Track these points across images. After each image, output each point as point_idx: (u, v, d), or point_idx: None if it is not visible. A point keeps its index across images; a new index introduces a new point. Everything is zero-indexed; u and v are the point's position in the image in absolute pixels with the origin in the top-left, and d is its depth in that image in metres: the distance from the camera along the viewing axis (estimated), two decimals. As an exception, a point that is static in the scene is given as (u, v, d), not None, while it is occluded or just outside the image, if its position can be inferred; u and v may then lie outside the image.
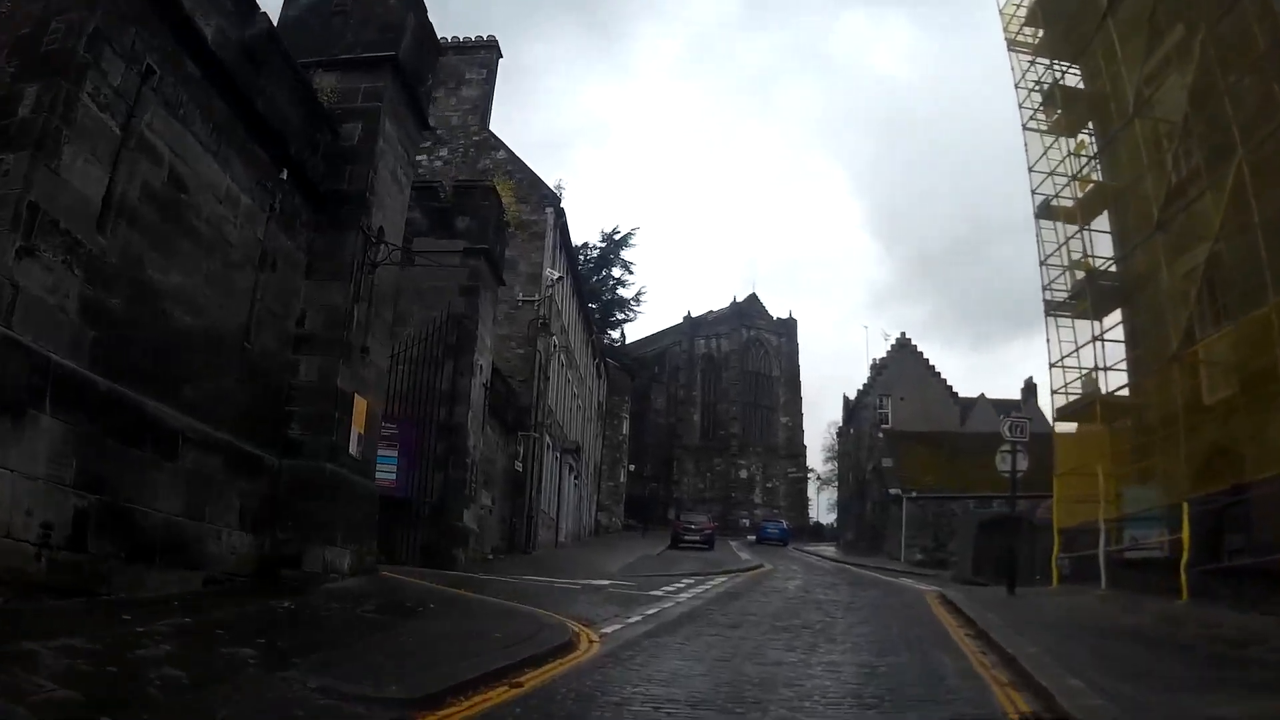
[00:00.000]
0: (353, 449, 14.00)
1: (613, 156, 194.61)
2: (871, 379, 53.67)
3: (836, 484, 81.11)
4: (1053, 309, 21.29)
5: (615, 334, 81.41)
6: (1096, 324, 20.33)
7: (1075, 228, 21.55)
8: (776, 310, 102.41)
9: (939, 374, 53.94)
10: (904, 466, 40.67)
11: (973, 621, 13.04)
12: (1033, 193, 22.34)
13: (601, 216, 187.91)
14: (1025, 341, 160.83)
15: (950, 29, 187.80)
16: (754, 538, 79.84)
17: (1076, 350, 20.54)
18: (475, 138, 36.95)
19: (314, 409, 13.02)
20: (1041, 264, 21.69)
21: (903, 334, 55.14)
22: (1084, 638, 11.46)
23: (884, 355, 54.49)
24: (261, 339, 12.10)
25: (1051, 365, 20.87)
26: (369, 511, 14.64)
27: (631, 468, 63.00)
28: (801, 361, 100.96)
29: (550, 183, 35.53)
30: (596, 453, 56.08)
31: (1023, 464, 19.01)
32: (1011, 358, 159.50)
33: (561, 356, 35.96)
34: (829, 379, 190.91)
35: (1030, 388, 75.30)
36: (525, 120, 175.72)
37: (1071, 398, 20.56)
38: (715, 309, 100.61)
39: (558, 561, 25.53)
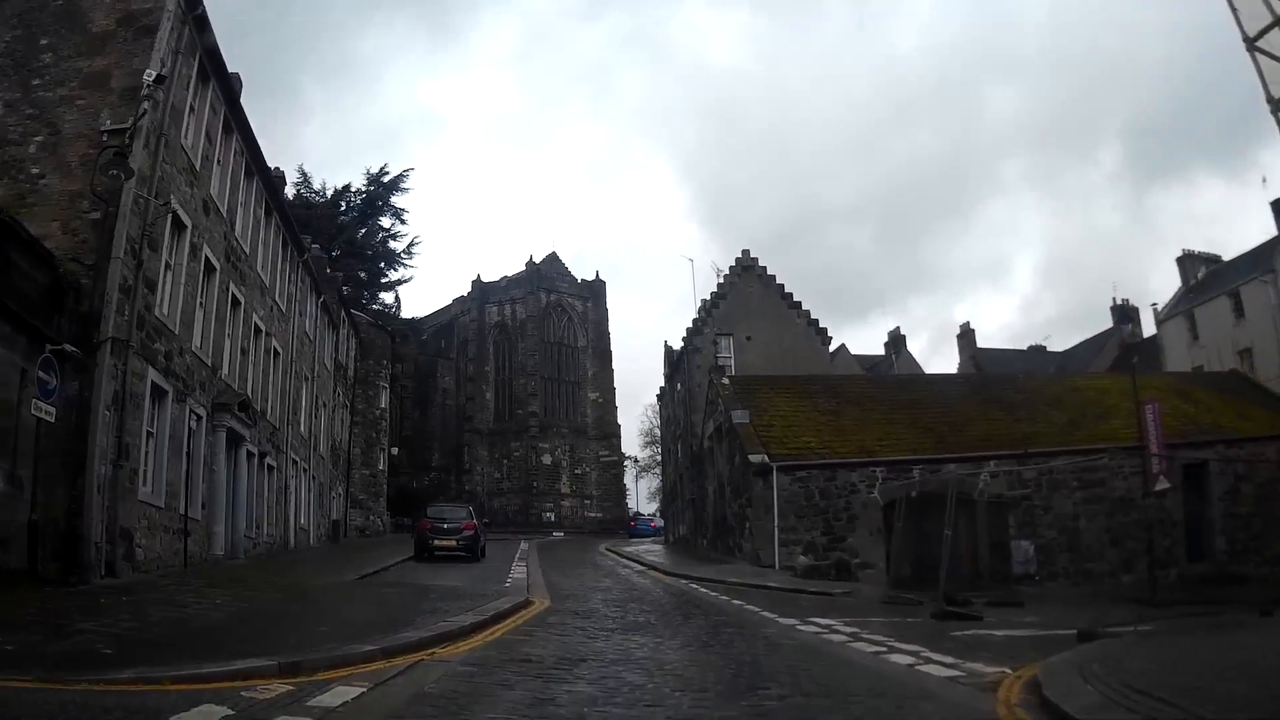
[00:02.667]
0: None
1: (445, 145, 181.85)
2: (704, 314, 40.36)
3: (660, 464, 68.55)
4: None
5: (389, 298, 66.46)
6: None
7: None
8: (581, 272, 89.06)
9: (798, 304, 41.14)
10: (768, 424, 27.93)
11: None
12: None
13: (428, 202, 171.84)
14: (862, 330, 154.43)
15: (787, 14, 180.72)
16: (560, 534, 67.10)
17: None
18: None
19: None
20: None
21: (745, 253, 41.97)
22: None
23: (720, 282, 41.17)
24: None
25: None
26: None
27: (395, 451, 48.01)
28: (617, 354, 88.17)
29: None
30: (339, 432, 41.22)
31: None
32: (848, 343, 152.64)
33: (206, 250, 21.23)
34: (647, 371, 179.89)
35: (896, 340, 65.44)
36: (360, 112, 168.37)
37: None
38: (512, 273, 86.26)
39: (95, 610, 11.10)
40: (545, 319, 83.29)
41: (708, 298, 41.07)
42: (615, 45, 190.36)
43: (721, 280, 41.21)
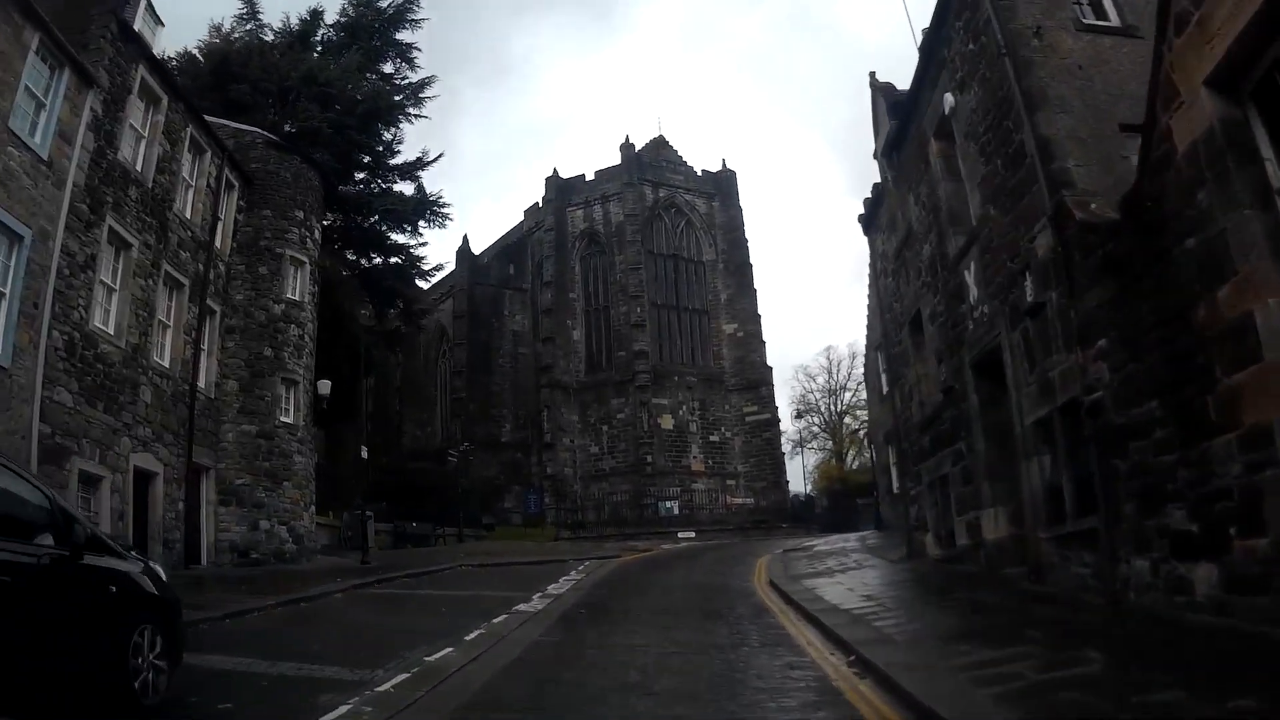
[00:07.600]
0: None
1: (604, 139, 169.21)
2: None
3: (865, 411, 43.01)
4: None
5: (407, 188, 41.51)
6: None
7: None
8: (702, 165, 63.91)
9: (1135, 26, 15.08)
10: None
11: None
12: None
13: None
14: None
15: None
16: (691, 533, 43.38)
17: None
18: None
19: None
20: None
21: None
22: None
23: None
24: None
25: None
26: None
27: (324, 386, 23.95)
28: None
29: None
30: (131, 333, 17.79)
31: None
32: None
33: None
34: (800, 356, 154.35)
35: None
36: (517, 111, 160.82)
37: None
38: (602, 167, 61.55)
39: None
40: (652, 222, 58.31)
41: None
42: (777, 28, 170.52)
43: None
